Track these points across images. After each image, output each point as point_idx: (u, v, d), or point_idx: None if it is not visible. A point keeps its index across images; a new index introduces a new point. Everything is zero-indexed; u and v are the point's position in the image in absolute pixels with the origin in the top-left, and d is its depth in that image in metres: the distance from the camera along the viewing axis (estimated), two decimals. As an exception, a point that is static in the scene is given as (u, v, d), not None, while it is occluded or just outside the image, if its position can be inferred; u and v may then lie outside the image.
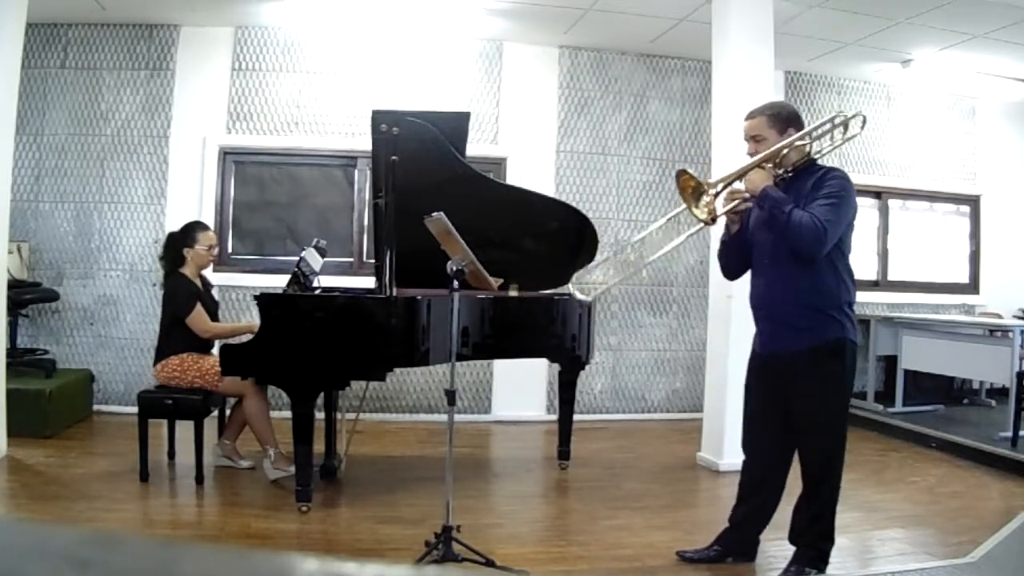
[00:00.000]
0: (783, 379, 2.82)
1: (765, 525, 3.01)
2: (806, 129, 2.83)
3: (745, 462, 3.07)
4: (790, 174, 2.78)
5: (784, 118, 2.81)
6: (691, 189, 2.75)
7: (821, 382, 2.76)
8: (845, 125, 2.82)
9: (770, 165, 2.77)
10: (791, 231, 2.63)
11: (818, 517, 2.81)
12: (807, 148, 2.80)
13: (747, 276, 3.01)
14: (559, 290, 4.40)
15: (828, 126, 2.82)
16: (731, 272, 3.10)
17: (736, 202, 2.82)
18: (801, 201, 2.68)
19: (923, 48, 5.67)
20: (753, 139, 2.82)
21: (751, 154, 2.83)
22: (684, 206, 2.80)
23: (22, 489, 3.66)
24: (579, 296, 3.12)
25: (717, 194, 2.76)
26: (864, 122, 2.84)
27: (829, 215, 2.62)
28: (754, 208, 2.86)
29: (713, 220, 2.80)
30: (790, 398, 2.82)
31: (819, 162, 2.84)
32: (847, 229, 2.74)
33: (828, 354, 2.74)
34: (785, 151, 2.76)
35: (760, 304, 2.90)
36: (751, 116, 2.86)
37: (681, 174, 2.76)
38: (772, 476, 2.95)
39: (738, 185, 2.81)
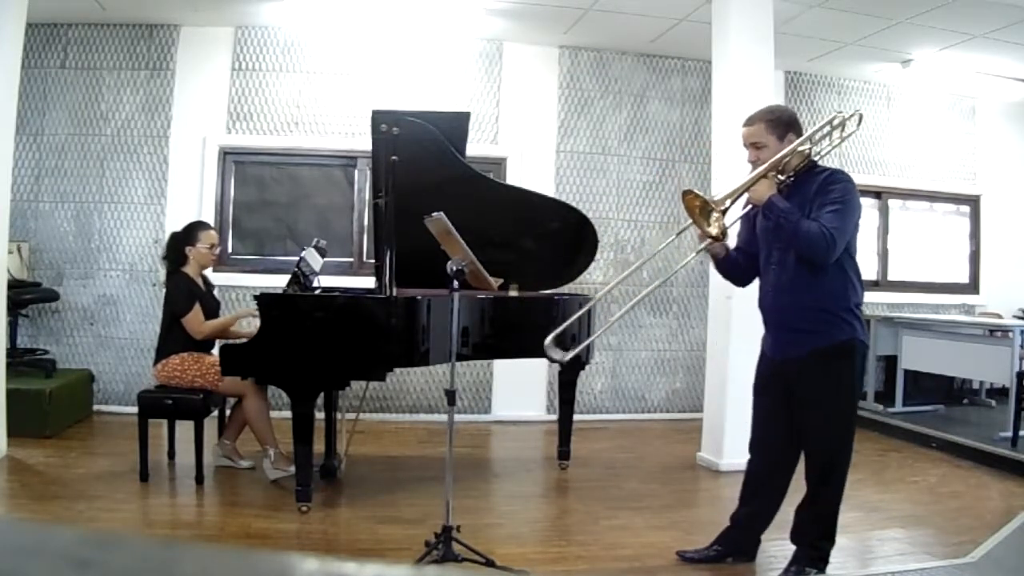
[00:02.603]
0: (793, 383, 2.81)
1: (767, 525, 3.01)
2: (806, 134, 2.80)
3: (750, 463, 3.05)
4: (792, 179, 2.76)
5: (784, 123, 2.78)
6: (698, 208, 2.68)
7: (829, 382, 2.74)
8: (843, 125, 2.81)
9: (773, 172, 2.73)
10: (800, 241, 2.62)
11: (821, 517, 2.80)
12: (807, 151, 2.78)
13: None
14: (559, 290, 4.41)
15: (827, 128, 2.80)
16: (738, 283, 3.10)
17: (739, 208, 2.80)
18: (806, 206, 2.66)
19: (923, 48, 5.67)
20: (753, 146, 2.79)
21: (751, 160, 2.80)
22: (691, 222, 2.74)
23: (22, 489, 3.65)
24: (553, 353, 3.08)
25: (725, 210, 2.71)
26: (860, 119, 2.84)
27: (836, 222, 2.60)
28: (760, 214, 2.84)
29: (724, 234, 2.76)
30: (799, 400, 2.81)
31: (819, 163, 2.82)
32: (853, 231, 2.73)
33: (838, 355, 2.72)
34: (787, 158, 2.73)
35: (769, 309, 2.87)
36: (749, 123, 2.83)
37: (686, 194, 2.69)
38: (777, 478, 2.94)
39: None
